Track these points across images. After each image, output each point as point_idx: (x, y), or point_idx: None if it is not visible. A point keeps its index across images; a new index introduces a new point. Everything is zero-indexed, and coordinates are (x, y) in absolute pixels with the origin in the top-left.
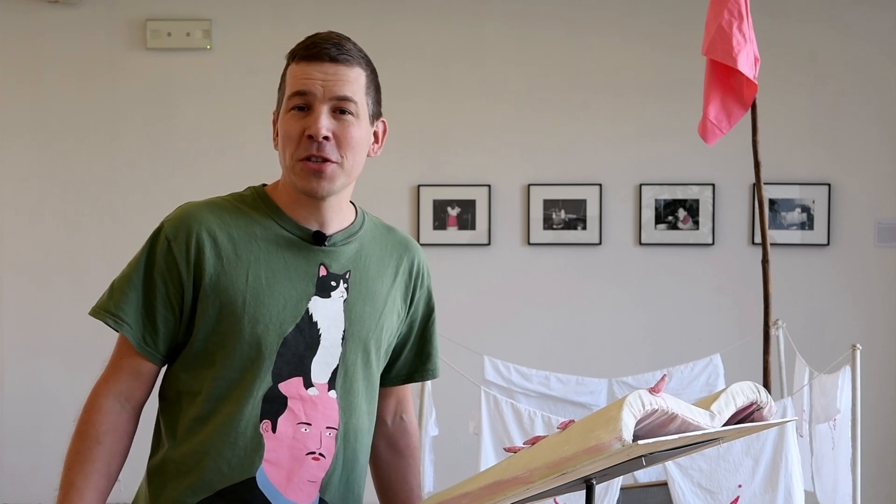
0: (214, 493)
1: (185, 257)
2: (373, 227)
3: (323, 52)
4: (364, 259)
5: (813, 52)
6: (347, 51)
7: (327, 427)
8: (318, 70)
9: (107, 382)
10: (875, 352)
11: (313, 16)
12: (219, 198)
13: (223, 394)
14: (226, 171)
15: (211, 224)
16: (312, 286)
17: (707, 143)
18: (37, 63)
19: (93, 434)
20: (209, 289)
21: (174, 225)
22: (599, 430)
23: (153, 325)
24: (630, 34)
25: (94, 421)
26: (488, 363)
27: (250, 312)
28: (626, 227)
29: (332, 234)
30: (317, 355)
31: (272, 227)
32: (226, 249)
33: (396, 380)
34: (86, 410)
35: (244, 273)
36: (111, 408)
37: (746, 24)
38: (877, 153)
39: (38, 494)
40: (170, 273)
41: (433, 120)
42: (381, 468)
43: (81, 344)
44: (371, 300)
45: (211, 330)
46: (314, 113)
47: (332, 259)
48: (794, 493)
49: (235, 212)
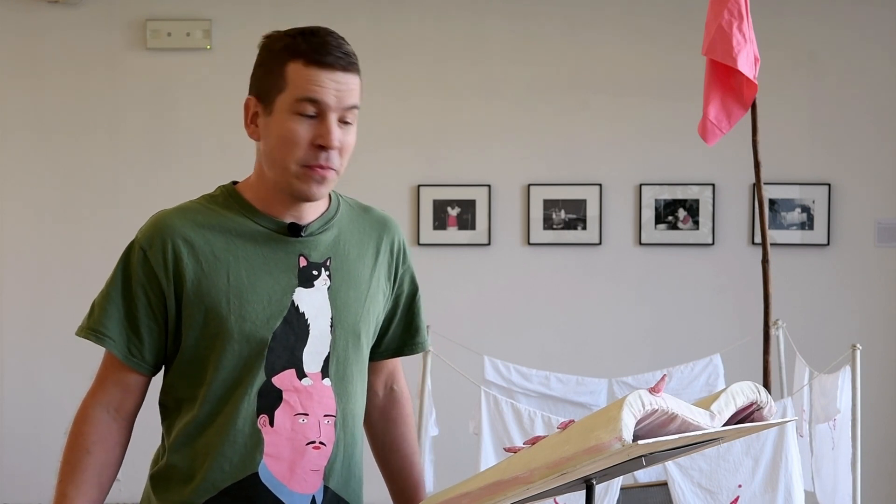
0: (219, 493)
1: (162, 266)
2: (349, 210)
3: (336, 60)
4: (343, 244)
5: (813, 51)
6: (351, 56)
7: (325, 415)
8: (330, 79)
9: (94, 395)
10: (875, 352)
11: (313, 15)
12: (190, 202)
13: (219, 395)
14: (226, 170)
15: (185, 230)
16: (295, 278)
17: (707, 143)
18: (37, 63)
19: (83, 445)
20: (192, 294)
21: (148, 235)
22: (599, 430)
23: (137, 335)
24: (630, 34)
25: (83, 432)
26: (488, 363)
27: (236, 312)
28: (626, 227)
29: (308, 224)
30: (307, 345)
31: (247, 224)
32: (203, 252)
33: (386, 354)
34: (76, 422)
35: (224, 273)
36: (100, 419)
37: (746, 24)
38: (877, 153)
39: (38, 494)
40: (149, 283)
41: (433, 120)
42: (376, 437)
43: (81, 344)
44: (355, 285)
45: (199, 334)
46: (326, 123)
47: (310, 248)
48: (794, 493)
49: (208, 213)
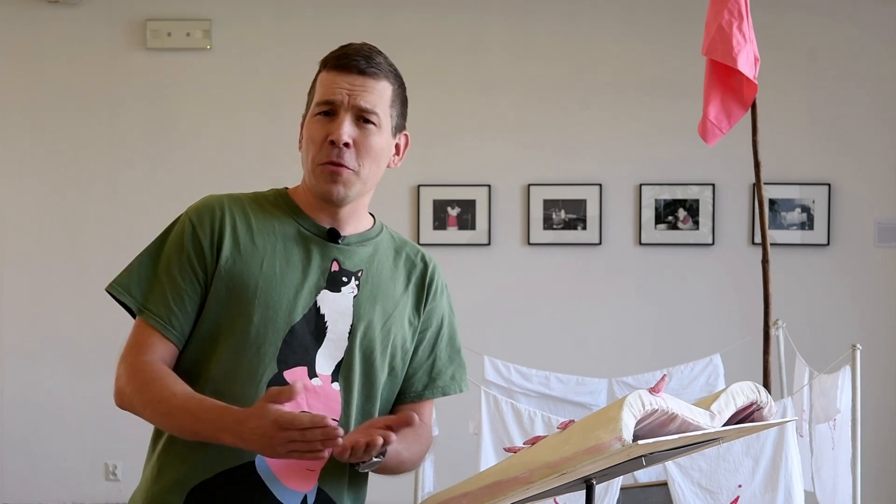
0: (214, 475)
1: (209, 239)
2: (390, 238)
3: (352, 63)
4: (378, 263)
5: (813, 51)
6: (377, 64)
7: (329, 418)
8: (345, 80)
9: (127, 357)
10: (875, 352)
11: (313, 16)
12: (241, 193)
13: (227, 376)
14: (226, 170)
15: (233, 212)
16: (324, 280)
17: (707, 143)
18: (36, 62)
19: (149, 373)
20: (224, 271)
21: (199, 211)
22: (599, 430)
23: (181, 308)
24: (630, 34)
25: (139, 375)
26: (488, 363)
27: (261, 298)
28: (626, 227)
29: (347, 235)
30: (322, 347)
31: (290, 224)
32: (243, 237)
33: (406, 398)
34: (129, 375)
35: (259, 261)
36: (149, 360)
37: (746, 24)
38: (877, 153)
39: (38, 494)
40: (197, 257)
41: (433, 120)
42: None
43: (81, 344)
44: (382, 301)
45: (220, 311)
46: (338, 119)
47: (345, 256)
48: (794, 493)
49: (256, 205)
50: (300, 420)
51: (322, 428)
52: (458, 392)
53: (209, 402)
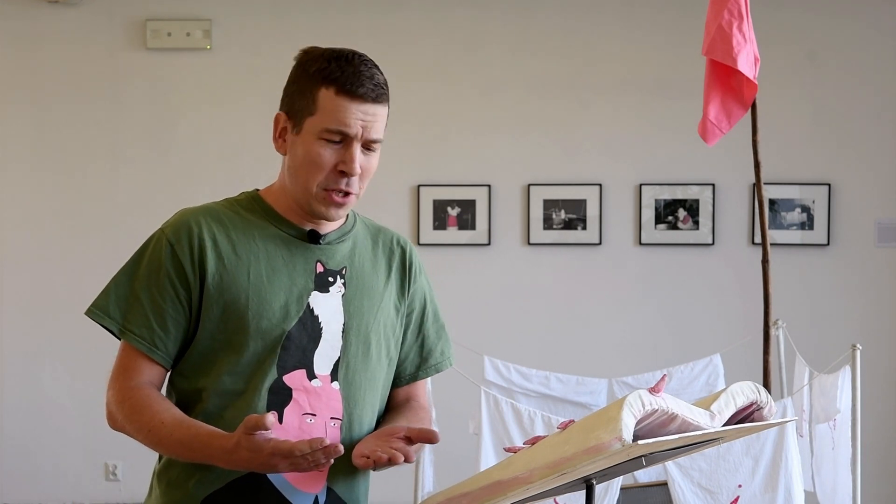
0: (224, 486)
1: (189, 258)
2: (364, 227)
3: (367, 92)
4: (358, 256)
5: (813, 51)
6: (382, 87)
7: (332, 417)
8: (359, 109)
9: (117, 381)
10: (875, 352)
11: (313, 16)
12: (213, 203)
13: (231, 389)
14: (226, 170)
15: (210, 226)
16: (311, 282)
17: (707, 143)
18: (36, 63)
19: (137, 400)
20: (213, 289)
21: (174, 229)
22: (599, 430)
23: (163, 328)
24: (630, 34)
25: (128, 402)
26: (488, 363)
27: (254, 308)
28: (626, 227)
29: (326, 234)
30: (319, 347)
31: (268, 228)
32: (225, 250)
33: (401, 381)
34: (115, 404)
35: (245, 271)
36: (133, 387)
37: (746, 24)
38: (877, 153)
39: (38, 494)
40: (178, 276)
41: (433, 120)
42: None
43: (81, 344)
44: (368, 294)
45: (216, 328)
46: (351, 150)
47: (328, 256)
48: (794, 493)
49: (232, 215)
50: (300, 448)
51: (322, 449)
52: (449, 367)
53: (196, 428)
